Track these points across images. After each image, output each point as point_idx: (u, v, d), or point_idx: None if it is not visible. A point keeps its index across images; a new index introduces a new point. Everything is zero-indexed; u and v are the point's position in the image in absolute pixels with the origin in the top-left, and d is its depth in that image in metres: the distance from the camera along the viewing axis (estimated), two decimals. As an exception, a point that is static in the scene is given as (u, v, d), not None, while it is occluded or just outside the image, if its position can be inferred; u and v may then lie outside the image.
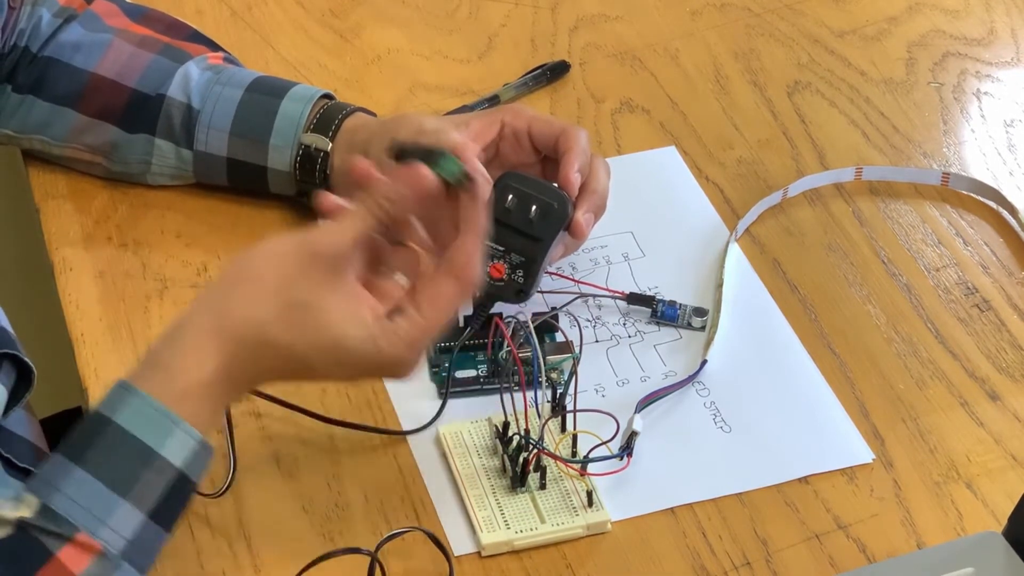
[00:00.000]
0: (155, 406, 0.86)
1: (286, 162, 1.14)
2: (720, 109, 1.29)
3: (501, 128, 1.10)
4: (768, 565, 0.96)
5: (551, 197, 1.04)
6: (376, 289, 0.91)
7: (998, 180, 1.22)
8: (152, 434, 0.86)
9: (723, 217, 1.18)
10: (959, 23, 1.38)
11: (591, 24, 1.37)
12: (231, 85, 1.15)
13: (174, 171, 1.17)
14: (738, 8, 1.39)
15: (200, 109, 1.15)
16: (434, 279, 0.90)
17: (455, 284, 0.90)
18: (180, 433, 0.86)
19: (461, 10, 1.39)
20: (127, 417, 0.86)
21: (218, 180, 1.17)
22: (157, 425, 0.86)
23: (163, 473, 0.86)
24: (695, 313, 1.09)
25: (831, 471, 1.01)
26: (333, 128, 1.13)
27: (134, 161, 1.17)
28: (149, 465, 0.86)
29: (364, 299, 0.89)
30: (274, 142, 1.13)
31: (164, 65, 1.16)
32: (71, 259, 1.15)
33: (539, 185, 1.05)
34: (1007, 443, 1.03)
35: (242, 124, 1.14)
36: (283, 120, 1.13)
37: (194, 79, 1.16)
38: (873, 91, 1.30)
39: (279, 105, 1.14)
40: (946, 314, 1.11)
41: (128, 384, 0.87)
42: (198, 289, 1.12)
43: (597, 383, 1.06)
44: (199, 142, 1.15)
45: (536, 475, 0.98)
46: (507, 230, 1.04)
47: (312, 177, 1.13)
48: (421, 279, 0.91)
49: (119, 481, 0.85)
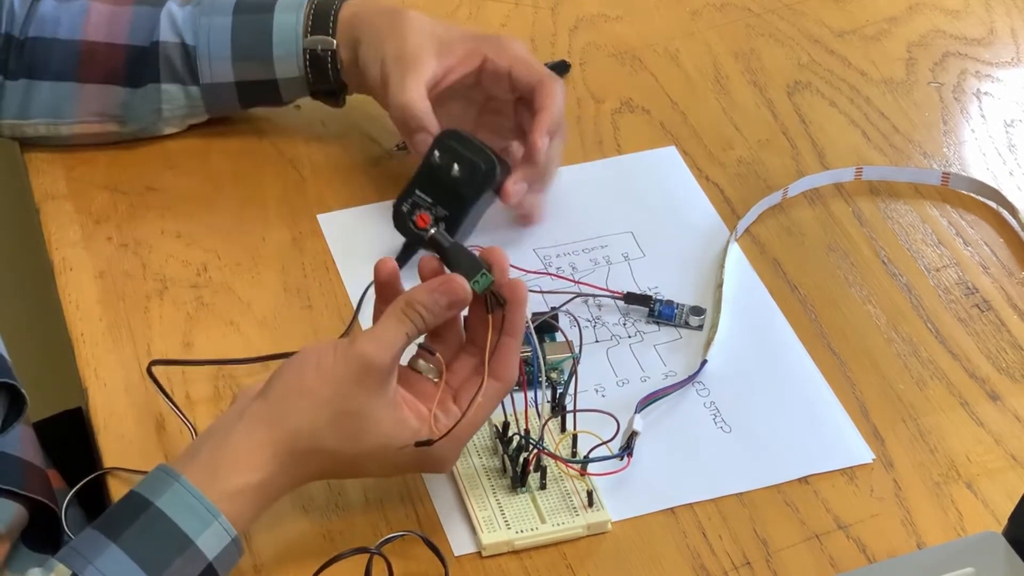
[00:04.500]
0: (196, 495, 0.88)
1: (294, 69, 1.16)
2: (720, 109, 1.29)
3: (483, 62, 1.14)
4: (768, 565, 0.96)
5: (481, 159, 1.10)
6: (411, 386, 0.94)
7: (998, 180, 1.22)
8: (191, 522, 0.87)
9: (723, 217, 1.18)
10: (959, 23, 1.37)
11: (591, 24, 1.37)
12: (217, 13, 1.17)
13: (186, 111, 1.20)
14: (738, 8, 1.39)
15: (195, 44, 1.17)
16: (474, 380, 0.94)
17: (496, 385, 0.93)
18: (217, 527, 0.88)
19: (461, 10, 1.39)
20: (168, 502, 0.87)
21: (230, 107, 1.20)
22: (197, 514, 0.87)
23: (194, 563, 0.87)
24: (692, 312, 1.09)
25: (831, 471, 1.01)
26: (331, 24, 1.15)
27: (146, 115, 1.19)
28: (182, 552, 0.87)
29: (409, 404, 0.92)
30: (278, 54, 1.16)
31: (146, 12, 1.18)
32: (71, 259, 1.15)
33: (474, 146, 1.11)
34: (1007, 443, 1.03)
35: (242, 48, 1.17)
36: (281, 32, 1.16)
37: (179, 17, 1.17)
38: (873, 91, 1.30)
39: (271, 19, 1.16)
40: (946, 314, 1.11)
41: (171, 470, 0.89)
42: (198, 289, 1.12)
43: (597, 383, 1.06)
44: (204, 75, 1.17)
45: (536, 475, 0.98)
46: (436, 185, 1.11)
47: (325, 77, 1.17)
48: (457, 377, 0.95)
49: (152, 563, 0.86)
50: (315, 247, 1.16)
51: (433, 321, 0.92)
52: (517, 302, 0.93)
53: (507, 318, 0.93)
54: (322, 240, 1.16)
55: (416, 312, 0.91)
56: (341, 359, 0.90)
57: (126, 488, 0.91)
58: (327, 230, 1.17)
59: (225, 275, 1.14)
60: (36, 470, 1.03)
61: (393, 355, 0.90)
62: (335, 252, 1.15)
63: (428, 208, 1.11)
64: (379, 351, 0.90)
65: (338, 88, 1.18)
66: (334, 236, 1.17)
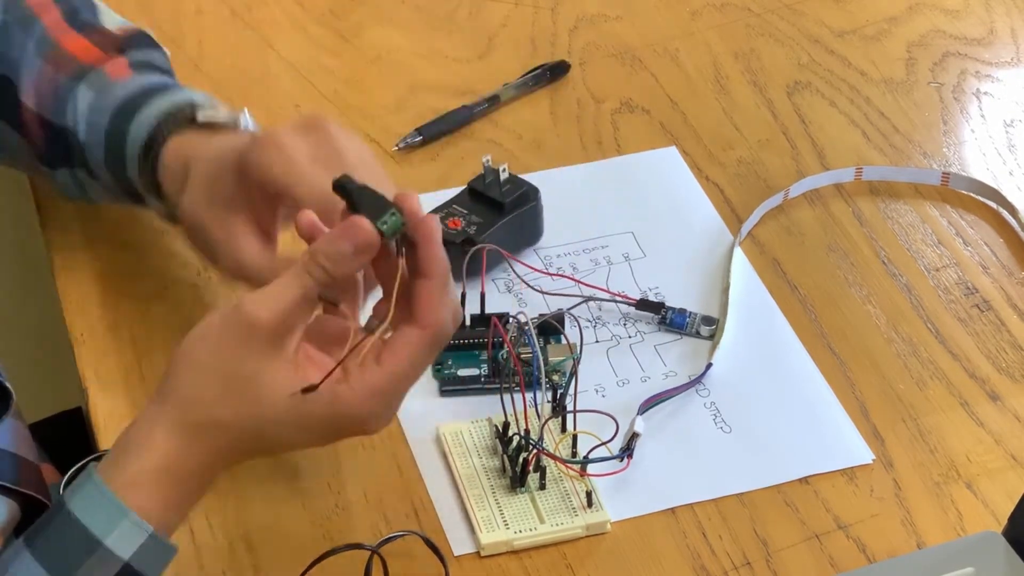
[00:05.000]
0: (105, 493, 0.83)
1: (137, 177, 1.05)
2: (720, 109, 1.29)
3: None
4: (768, 565, 0.96)
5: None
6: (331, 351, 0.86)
7: (998, 180, 1.22)
8: (99, 522, 0.83)
9: (724, 217, 1.18)
10: (959, 23, 1.37)
11: (591, 24, 1.37)
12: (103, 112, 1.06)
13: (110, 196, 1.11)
14: (738, 8, 1.39)
15: (85, 142, 1.07)
16: (402, 330, 0.85)
17: (418, 332, 0.84)
18: (128, 524, 0.83)
19: (461, 10, 1.39)
20: (78, 502, 0.84)
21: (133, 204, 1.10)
22: (105, 513, 0.83)
23: (107, 564, 0.83)
24: (704, 322, 1.09)
25: (831, 471, 1.01)
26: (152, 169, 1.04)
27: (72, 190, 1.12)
28: (92, 554, 0.83)
29: (310, 364, 0.84)
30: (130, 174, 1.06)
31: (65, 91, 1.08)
32: (71, 259, 1.15)
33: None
34: (1007, 443, 1.03)
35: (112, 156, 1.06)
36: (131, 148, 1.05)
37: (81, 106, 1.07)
38: (873, 91, 1.30)
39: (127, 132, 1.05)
40: (946, 314, 1.11)
41: (91, 468, 0.85)
42: (198, 289, 1.12)
43: (597, 383, 1.06)
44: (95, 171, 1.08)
45: (536, 475, 0.98)
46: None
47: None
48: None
49: (60, 568, 0.83)
50: (315, 247, 1.16)
51: (339, 271, 0.83)
52: (427, 237, 0.83)
53: (421, 256, 0.83)
54: (322, 240, 1.16)
55: (316, 264, 0.82)
56: (225, 323, 0.83)
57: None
58: (327, 230, 1.17)
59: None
60: (29, 465, 1.03)
61: (281, 310, 0.82)
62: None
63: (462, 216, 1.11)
64: (263, 309, 0.82)
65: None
66: (334, 236, 1.16)
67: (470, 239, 1.09)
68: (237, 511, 0.98)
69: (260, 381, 0.83)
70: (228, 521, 0.98)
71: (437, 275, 0.84)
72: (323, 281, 0.83)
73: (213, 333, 0.84)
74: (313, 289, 0.83)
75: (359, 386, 0.84)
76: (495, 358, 1.05)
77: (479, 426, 1.02)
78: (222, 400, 0.83)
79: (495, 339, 1.04)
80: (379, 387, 0.84)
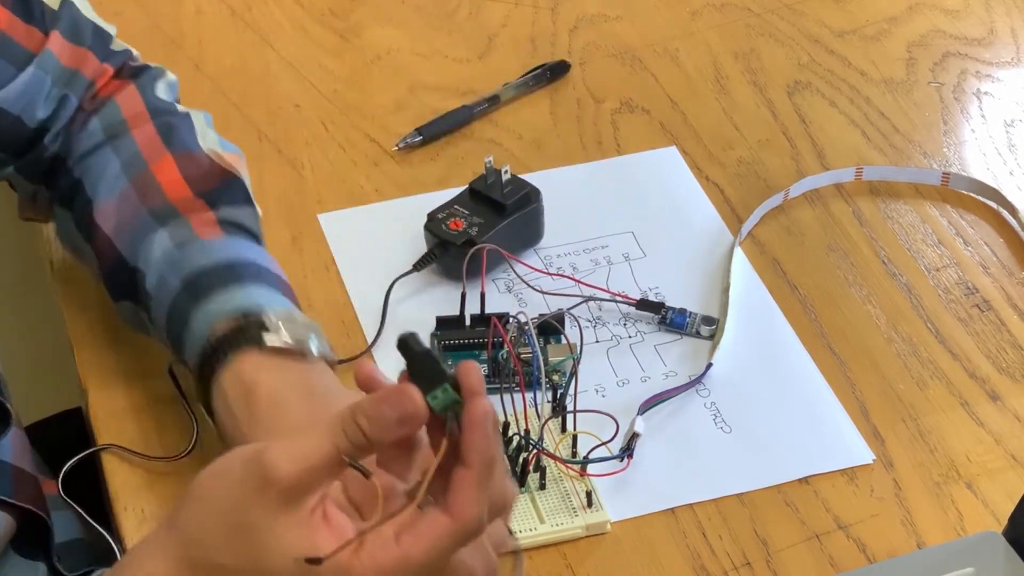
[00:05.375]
0: None
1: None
2: (720, 109, 1.29)
3: None
4: (768, 565, 0.96)
5: None
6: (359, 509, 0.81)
7: (998, 180, 1.22)
8: None
9: (724, 217, 1.18)
10: (959, 23, 1.37)
11: (591, 24, 1.37)
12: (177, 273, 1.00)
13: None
14: (738, 8, 1.39)
15: (153, 297, 1.01)
16: (423, 511, 0.76)
17: (445, 521, 0.75)
18: None
19: (461, 10, 1.39)
20: None
21: None
22: None
23: None
24: (704, 322, 1.09)
25: (831, 471, 1.01)
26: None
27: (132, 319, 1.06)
28: None
29: (325, 527, 0.76)
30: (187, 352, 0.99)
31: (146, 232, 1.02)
32: (71, 259, 1.15)
33: None
34: (1007, 443, 1.03)
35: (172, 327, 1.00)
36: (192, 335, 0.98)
37: (158, 255, 1.01)
38: (873, 91, 1.30)
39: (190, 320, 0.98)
40: (946, 314, 1.11)
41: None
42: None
43: (597, 383, 1.06)
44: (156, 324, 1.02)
45: (536, 475, 0.98)
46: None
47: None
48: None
49: None
50: (315, 247, 1.16)
51: (378, 436, 0.75)
52: (472, 424, 0.75)
53: (464, 443, 0.75)
54: (322, 240, 1.16)
55: (354, 424, 0.75)
56: (244, 466, 0.76)
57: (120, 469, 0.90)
58: (327, 230, 1.17)
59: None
60: (27, 477, 1.02)
61: (304, 468, 0.74)
62: (335, 252, 1.15)
63: (464, 217, 1.11)
64: (285, 462, 0.74)
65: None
66: (334, 236, 1.17)
67: (471, 240, 1.09)
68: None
69: (266, 536, 0.76)
70: (228, 521, 0.97)
71: (477, 465, 0.76)
72: (358, 443, 0.75)
73: (230, 474, 0.77)
74: (346, 449, 0.75)
75: (369, 563, 0.75)
76: (495, 358, 1.05)
77: (479, 426, 1.02)
78: (225, 546, 0.77)
79: (495, 339, 1.04)
80: (388, 569, 0.75)
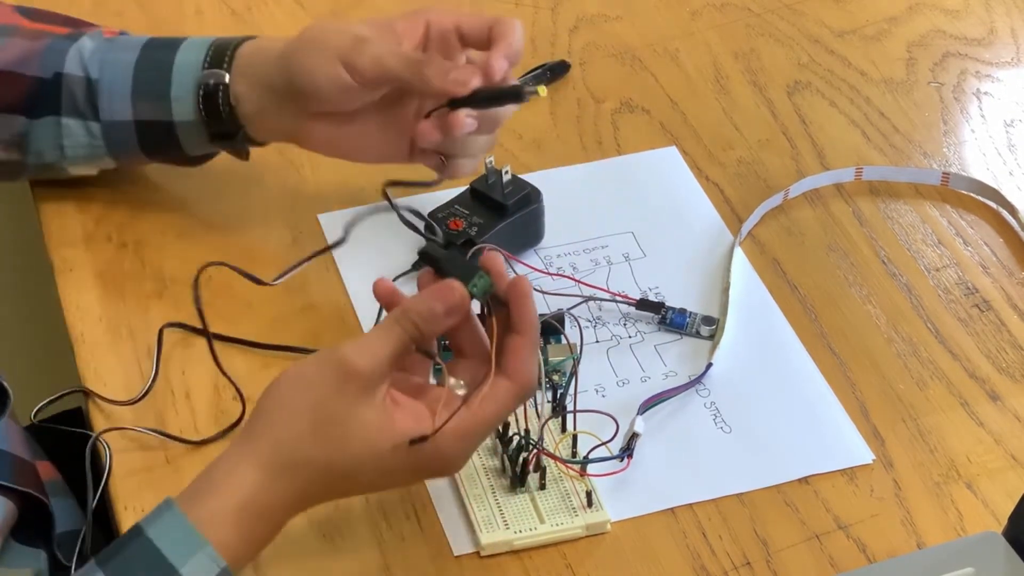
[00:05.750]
0: (184, 525, 0.85)
1: (191, 111, 1.11)
2: (720, 109, 1.29)
3: (427, 28, 1.07)
4: (768, 565, 0.96)
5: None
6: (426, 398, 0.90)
7: (998, 180, 1.22)
8: (176, 551, 0.85)
9: (724, 217, 1.18)
10: (959, 23, 1.38)
11: (591, 24, 1.37)
12: (125, 49, 1.13)
13: (88, 151, 1.14)
14: (738, 8, 1.39)
15: (99, 78, 1.11)
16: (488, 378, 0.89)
17: (509, 385, 0.88)
18: (203, 556, 0.85)
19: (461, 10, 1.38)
20: (157, 531, 0.86)
21: (132, 152, 1.14)
22: (183, 544, 0.85)
23: None
24: (704, 322, 1.09)
25: (831, 471, 1.01)
26: (227, 59, 1.10)
27: (47, 149, 1.14)
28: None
29: (396, 408, 0.88)
30: (175, 94, 1.11)
31: (58, 46, 1.13)
32: (71, 259, 1.15)
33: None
34: (1007, 443, 1.03)
35: (141, 84, 1.12)
36: (180, 71, 1.11)
37: (88, 51, 1.12)
38: (873, 91, 1.30)
39: (174, 56, 1.11)
40: (946, 314, 1.11)
41: (170, 501, 0.87)
42: (199, 289, 1.12)
43: (597, 383, 1.06)
44: (103, 111, 1.12)
45: (536, 475, 0.98)
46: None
47: (218, 116, 1.10)
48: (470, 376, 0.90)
49: None
50: (315, 247, 1.16)
51: (430, 329, 0.88)
52: (521, 296, 0.89)
53: (514, 315, 0.89)
54: (322, 240, 1.17)
55: (409, 320, 0.87)
56: (321, 366, 0.87)
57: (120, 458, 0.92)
58: (327, 230, 1.18)
59: (225, 275, 1.14)
60: (25, 463, 1.03)
61: (377, 361, 0.86)
62: (335, 252, 1.15)
63: (464, 217, 1.11)
64: (361, 356, 0.86)
65: (233, 129, 1.11)
66: (334, 236, 1.16)
67: (470, 240, 1.09)
68: (237, 511, 0.98)
69: (353, 424, 0.86)
70: (228, 521, 0.98)
71: (530, 332, 0.89)
72: (415, 338, 0.87)
73: (308, 376, 0.87)
74: (407, 344, 0.87)
75: (452, 432, 0.87)
76: (495, 358, 1.05)
77: (479, 426, 1.02)
78: (313, 440, 0.86)
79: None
80: (470, 431, 0.88)
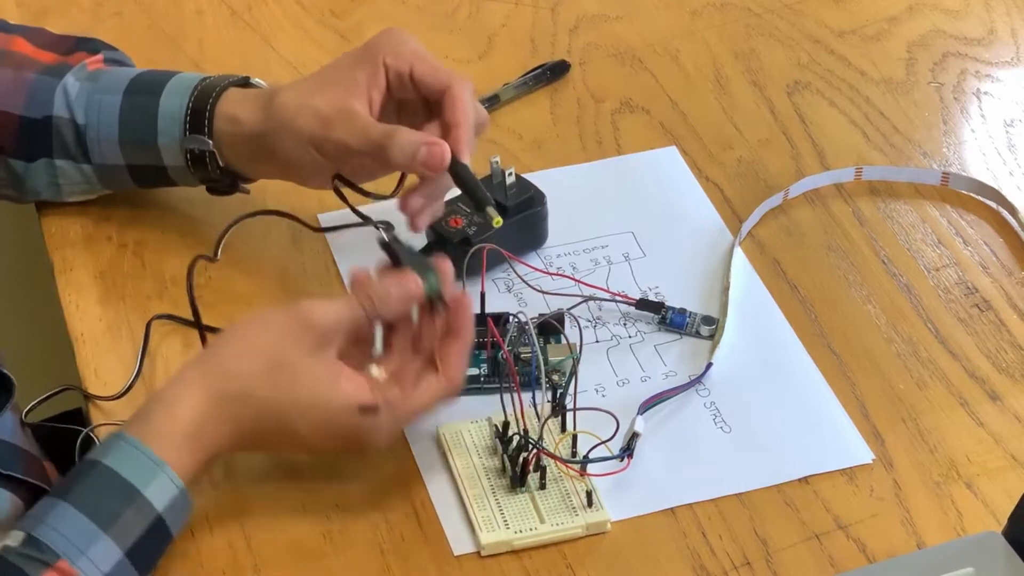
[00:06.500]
0: (141, 449, 0.90)
1: (180, 159, 1.12)
2: (720, 109, 1.29)
3: (386, 71, 1.07)
4: (768, 565, 0.96)
5: None
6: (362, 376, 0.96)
7: (998, 180, 1.22)
8: (137, 474, 0.89)
9: (724, 217, 1.18)
10: (959, 23, 1.38)
11: (591, 24, 1.37)
12: (109, 91, 1.12)
13: (84, 187, 1.16)
14: (738, 8, 1.39)
15: (85, 123, 1.12)
16: (423, 372, 0.96)
17: (440, 382, 0.96)
18: (163, 477, 0.90)
19: (461, 10, 1.39)
20: (114, 458, 0.89)
21: (128, 185, 1.15)
22: (142, 467, 0.89)
23: (144, 513, 0.89)
24: (704, 322, 1.09)
25: (831, 471, 1.01)
26: (207, 125, 1.10)
27: (44, 188, 1.15)
28: (131, 503, 0.88)
29: (345, 373, 0.94)
30: (162, 142, 1.11)
31: (45, 83, 1.13)
32: (71, 259, 1.15)
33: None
34: (1007, 443, 1.03)
35: (127, 132, 1.12)
36: (165, 120, 1.11)
37: (73, 92, 1.12)
38: (873, 91, 1.30)
39: (158, 104, 1.11)
40: (946, 314, 1.11)
41: (120, 432, 0.91)
42: (198, 289, 1.12)
43: (597, 383, 1.06)
44: (94, 155, 1.13)
45: (536, 475, 0.98)
46: None
47: (207, 174, 1.12)
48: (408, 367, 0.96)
49: (101, 515, 0.88)
50: (315, 247, 1.16)
51: (384, 309, 0.95)
52: (463, 305, 0.97)
53: (453, 319, 0.96)
54: (322, 240, 1.16)
55: (366, 295, 0.95)
56: (284, 315, 0.93)
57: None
58: (327, 230, 1.18)
59: (225, 275, 1.14)
60: (32, 457, 1.03)
61: (334, 319, 0.94)
62: (335, 252, 1.16)
63: (464, 215, 1.11)
64: (321, 312, 0.93)
65: (228, 184, 1.14)
66: (334, 236, 1.17)
67: (467, 239, 1.09)
68: (237, 511, 0.98)
69: (303, 374, 0.92)
70: (228, 521, 0.98)
71: (466, 336, 0.97)
72: (369, 312, 0.95)
73: (270, 320, 0.94)
74: (362, 317, 0.95)
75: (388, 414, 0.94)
76: (495, 358, 1.05)
77: (479, 426, 1.02)
78: (262, 378, 0.92)
79: (493, 339, 1.04)
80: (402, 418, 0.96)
